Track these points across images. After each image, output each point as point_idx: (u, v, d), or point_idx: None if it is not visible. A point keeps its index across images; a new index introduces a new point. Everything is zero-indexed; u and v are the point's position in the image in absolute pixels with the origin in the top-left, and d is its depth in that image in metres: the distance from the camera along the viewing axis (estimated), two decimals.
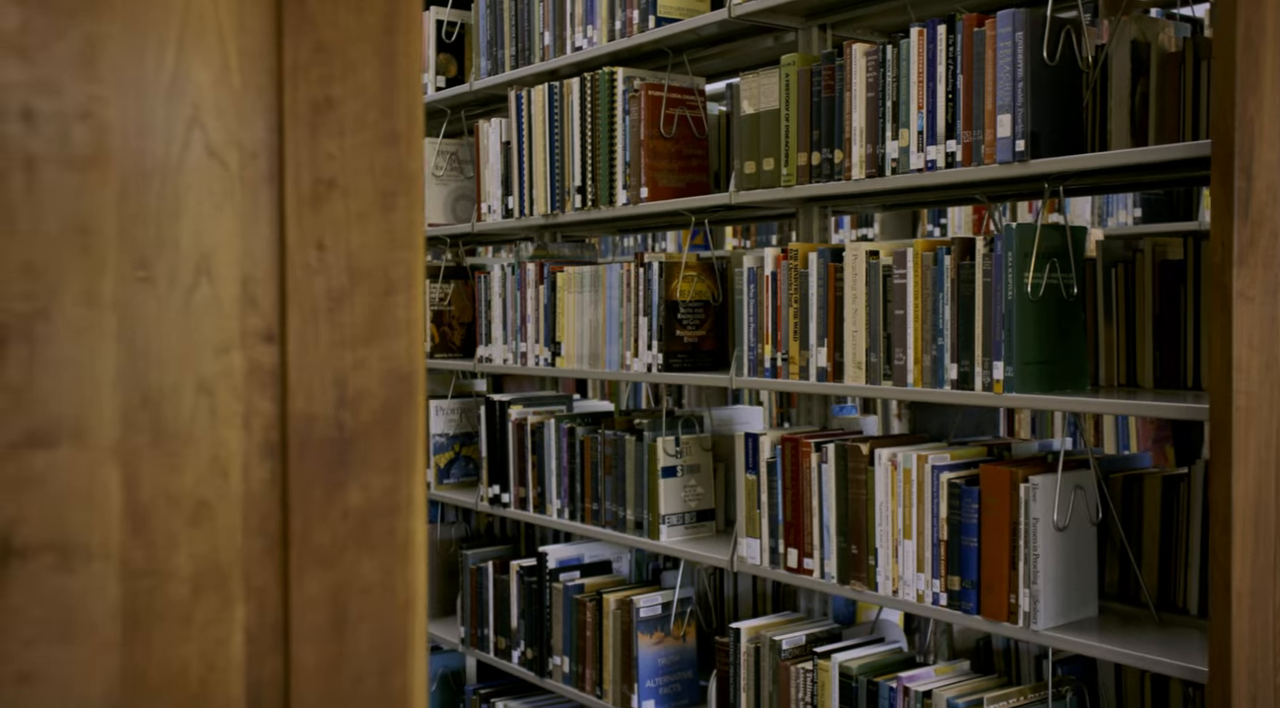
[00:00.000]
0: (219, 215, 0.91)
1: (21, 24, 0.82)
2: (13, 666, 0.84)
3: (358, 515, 0.97)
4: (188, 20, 0.89)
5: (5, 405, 0.83)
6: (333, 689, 0.96)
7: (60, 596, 0.85)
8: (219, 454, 0.91)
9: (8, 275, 0.83)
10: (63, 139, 0.84)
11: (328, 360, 0.95)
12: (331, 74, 0.94)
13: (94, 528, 0.86)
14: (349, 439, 0.96)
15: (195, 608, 0.91)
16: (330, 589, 0.96)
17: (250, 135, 0.92)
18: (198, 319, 0.90)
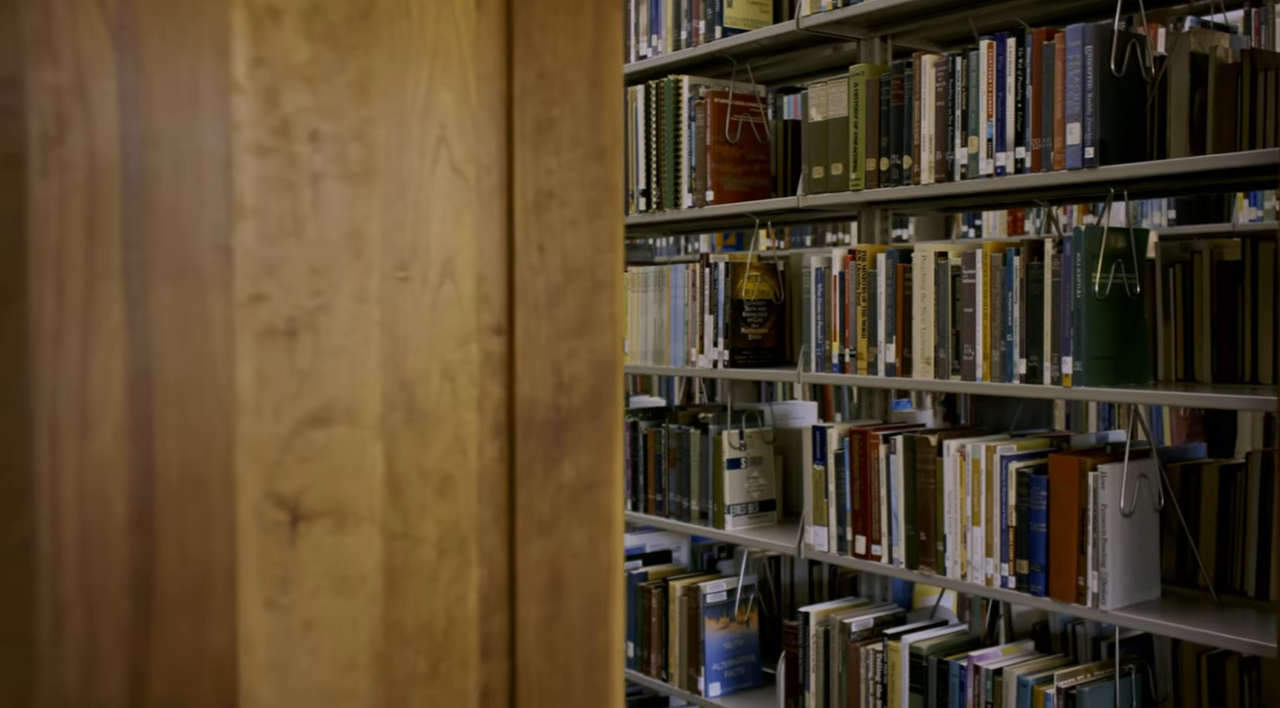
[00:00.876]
0: (459, 223, 1.03)
1: (311, 57, 0.95)
2: (300, 613, 0.96)
3: (570, 489, 1.09)
4: (437, 52, 1.01)
5: (295, 389, 0.95)
6: (549, 644, 1.09)
7: (336, 554, 0.98)
8: (459, 433, 1.04)
9: (298, 276, 0.95)
10: (341, 157, 0.97)
11: (546, 351, 1.08)
12: (551, 97, 1.07)
13: (362, 496, 0.99)
14: (563, 421, 1.09)
15: (440, 568, 1.03)
16: (548, 555, 1.08)
17: (485, 152, 1.04)
18: (443, 314, 1.02)
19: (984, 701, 2.37)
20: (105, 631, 0.87)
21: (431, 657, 1.03)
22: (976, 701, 2.39)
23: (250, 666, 0.94)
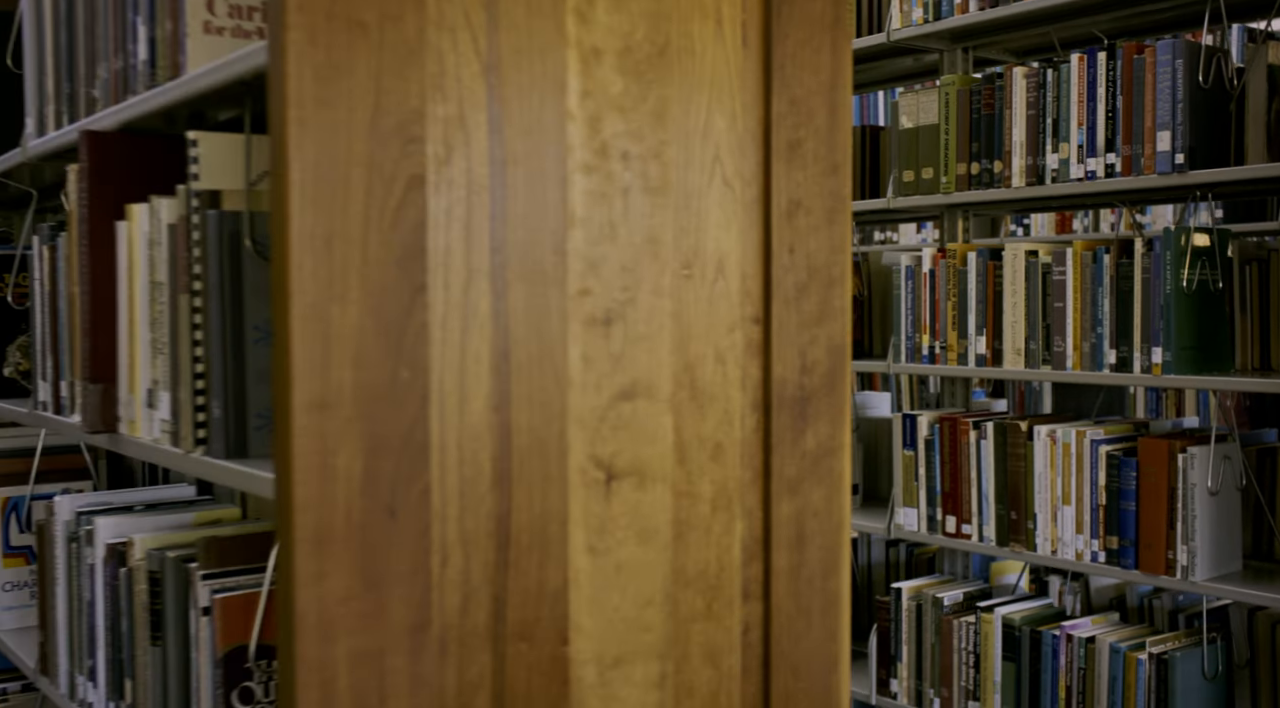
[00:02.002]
0: (728, 228, 1.21)
1: (623, 90, 1.13)
2: (613, 558, 1.14)
3: (812, 456, 1.27)
4: (714, 83, 1.19)
5: (610, 369, 1.13)
6: (794, 588, 1.27)
7: (638, 509, 1.16)
8: (727, 407, 1.22)
9: (613, 273, 1.13)
10: (643, 173, 1.15)
11: (794, 338, 1.25)
12: (800, 121, 1.24)
13: (656, 460, 1.17)
14: (807, 397, 1.27)
15: (713, 522, 1.21)
16: (795, 512, 1.26)
17: (747, 167, 1.22)
18: (716, 306, 1.20)
19: (1077, 667, 2.55)
20: (476, 569, 1.05)
21: (706, 597, 1.21)
22: (1069, 668, 2.56)
23: (576, 600, 1.12)
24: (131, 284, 1.42)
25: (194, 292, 1.25)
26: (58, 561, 1.72)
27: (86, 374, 1.48)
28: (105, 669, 1.57)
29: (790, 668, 1.26)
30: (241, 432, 1.23)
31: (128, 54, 1.43)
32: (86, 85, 1.57)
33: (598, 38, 1.11)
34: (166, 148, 1.49)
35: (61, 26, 1.64)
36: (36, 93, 1.76)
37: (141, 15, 1.39)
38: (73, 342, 1.64)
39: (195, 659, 1.31)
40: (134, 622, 1.47)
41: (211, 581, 1.29)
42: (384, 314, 0.99)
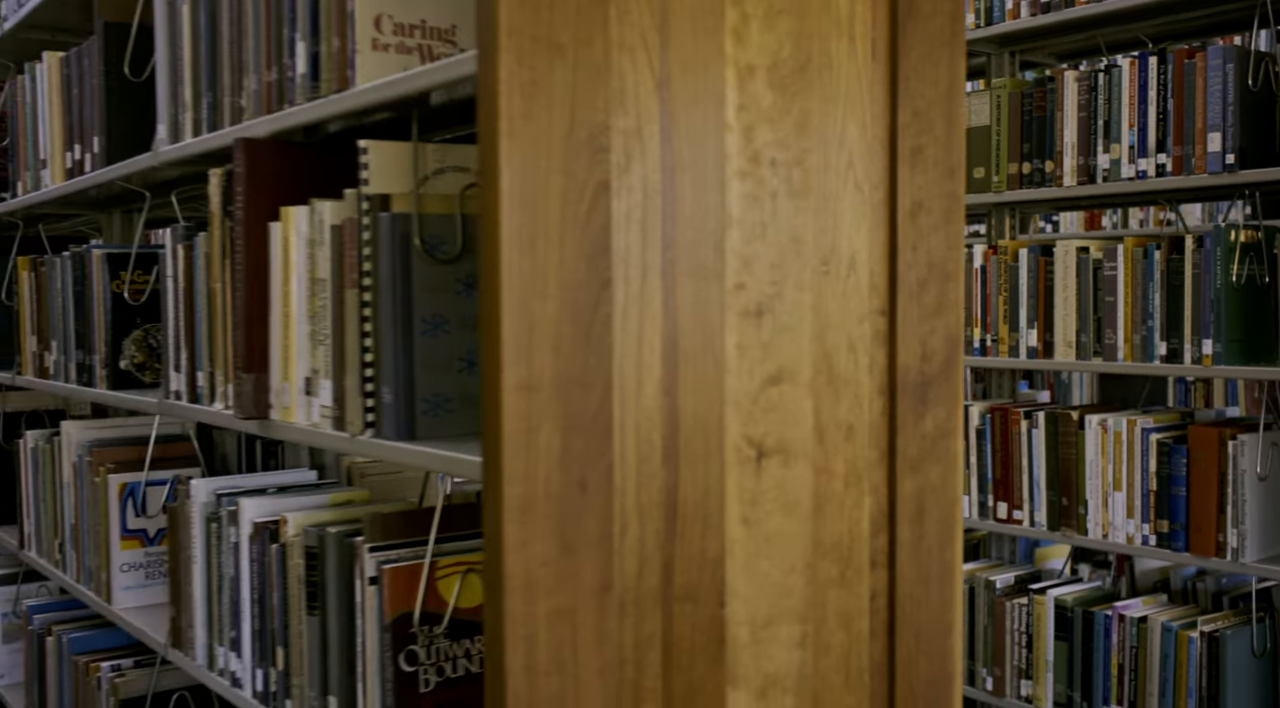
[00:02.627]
0: (859, 228, 1.32)
1: (772, 102, 1.24)
2: (763, 528, 1.25)
3: (930, 437, 1.38)
4: (848, 95, 1.30)
5: (760, 356, 1.24)
6: (915, 559, 1.38)
7: (784, 484, 1.27)
8: (857, 392, 1.33)
9: (763, 269, 1.24)
10: (789, 178, 1.26)
11: (916, 328, 1.37)
12: (922, 129, 1.35)
13: (798, 439, 1.28)
14: (926, 383, 1.38)
15: (845, 497, 1.32)
16: (916, 489, 1.37)
17: (875, 172, 1.33)
18: (849, 299, 1.32)
19: (1129, 646, 2.66)
20: (649, 537, 1.17)
21: (840, 565, 1.32)
22: (1121, 646, 2.67)
23: (732, 567, 1.23)
24: (286, 281, 1.54)
25: (363, 287, 1.36)
26: (194, 541, 1.84)
27: (240, 365, 1.59)
28: (250, 640, 1.69)
29: (912, 632, 1.37)
30: (410, 416, 1.34)
31: (283, 68, 1.54)
32: (232, 95, 1.68)
33: (751, 56, 1.22)
34: (315, 153, 1.60)
35: (202, 41, 1.75)
36: (170, 101, 1.87)
37: (299, 32, 1.50)
38: (213, 335, 1.75)
39: (360, 626, 1.42)
40: (287, 594, 1.58)
41: (377, 553, 1.40)
42: (577, 307, 1.10)
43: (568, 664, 1.11)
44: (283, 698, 1.61)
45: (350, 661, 1.45)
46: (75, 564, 2.40)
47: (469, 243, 1.37)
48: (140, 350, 2.23)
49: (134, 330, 2.23)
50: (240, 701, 1.71)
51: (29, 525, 2.72)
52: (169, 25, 1.87)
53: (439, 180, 1.38)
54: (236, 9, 1.66)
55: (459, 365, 1.38)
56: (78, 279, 2.32)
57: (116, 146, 2.16)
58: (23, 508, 2.73)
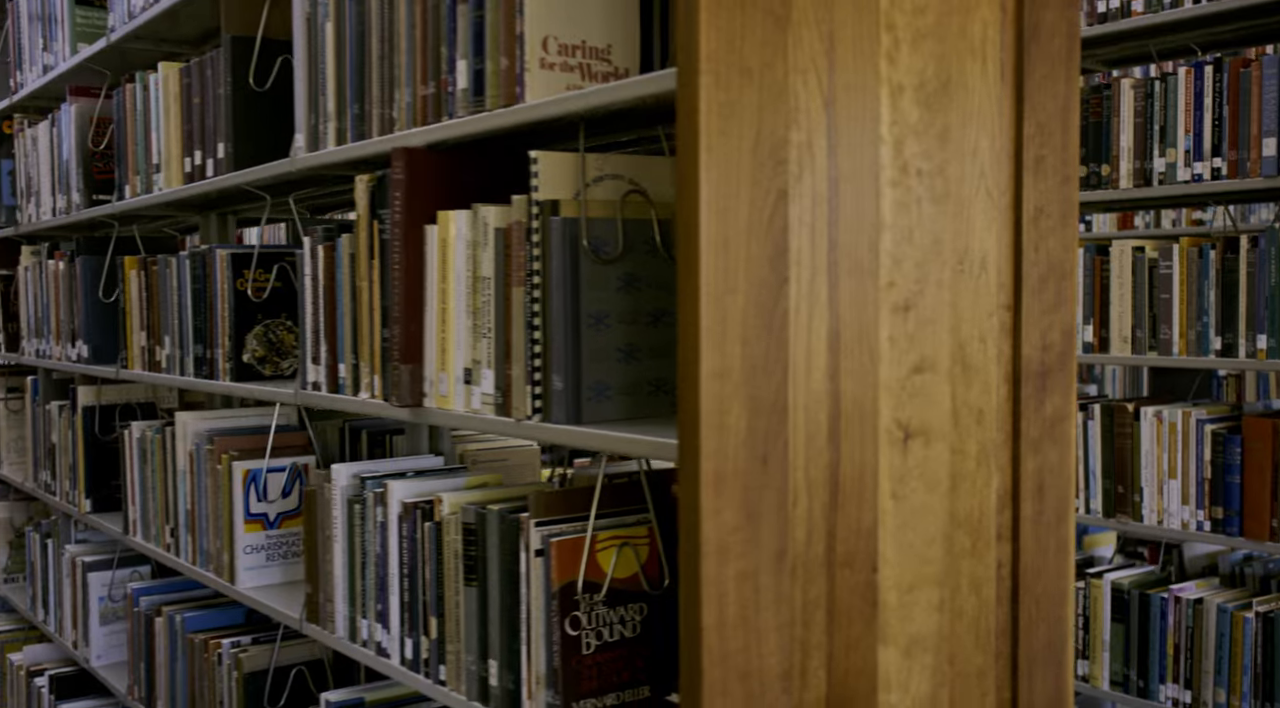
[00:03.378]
0: (989, 230, 1.45)
1: (918, 118, 1.37)
2: (908, 503, 1.39)
3: (1048, 421, 1.52)
4: (981, 111, 1.43)
5: (906, 347, 1.38)
6: (1036, 532, 1.51)
7: (925, 463, 1.40)
8: (987, 379, 1.46)
9: (910, 269, 1.37)
10: (931, 187, 1.39)
11: (1037, 322, 1.50)
12: (1043, 141, 1.49)
13: (937, 422, 1.41)
14: (1045, 372, 1.51)
15: (976, 475, 1.46)
16: (1036, 468, 1.51)
17: (1002, 180, 1.46)
18: (980, 296, 1.45)
19: (1185, 626, 2.79)
20: (816, 509, 1.30)
21: (972, 537, 1.45)
22: (1177, 627, 2.81)
23: (884, 537, 1.37)
24: (444, 279, 1.67)
25: (533, 285, 1.49)
26: (336, 522, 1.97)
27: (396, 357, 1.73)
28: (398, 612, 1.82)
29: (1033, 599, 1.51)
30: (577, 402, 1.48)
31: (441, 83, 1.67)
32: (382, 107, 1.81)
33: (901, 76, 1.35)
34: (464, 160, 1.74)
35: (347, 57, 1.88)
36: (309, 112, 2.01)
37: (459, 51, 1.64)
38: (358, 329, 1.88)
39: (525, 595, 1.55)
40: (442, 568, 1.72)
41: (542, 527, 1.54)
42: (760, 302, 1.24)
43: (751, 621, 1.25)
44: (436, 664, 1.74)
45: (513, 626, 1.58)
46: (191, 548, 2.53)
47: (628, 244, 1.50)
48: (261, 345, 2.37)
49: (255, 326, 2.36)
50: (388, 669, 1.85)
51: (134, 512, 2.85)
52: (308, 42, 2.00)
53: (597, 187, 1.52)
54: (388, 29, 1.79)
55: (617, 356, 1.51)
56: (197, 278, 2.45)
57: (242, 152, 2.29)
58: (127, 496, 2.87)
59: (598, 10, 1.56)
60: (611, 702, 1.56)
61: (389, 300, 1.78)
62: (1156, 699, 2.84)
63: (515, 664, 1.58)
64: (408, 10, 1.74)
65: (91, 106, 3.13)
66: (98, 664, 3.20)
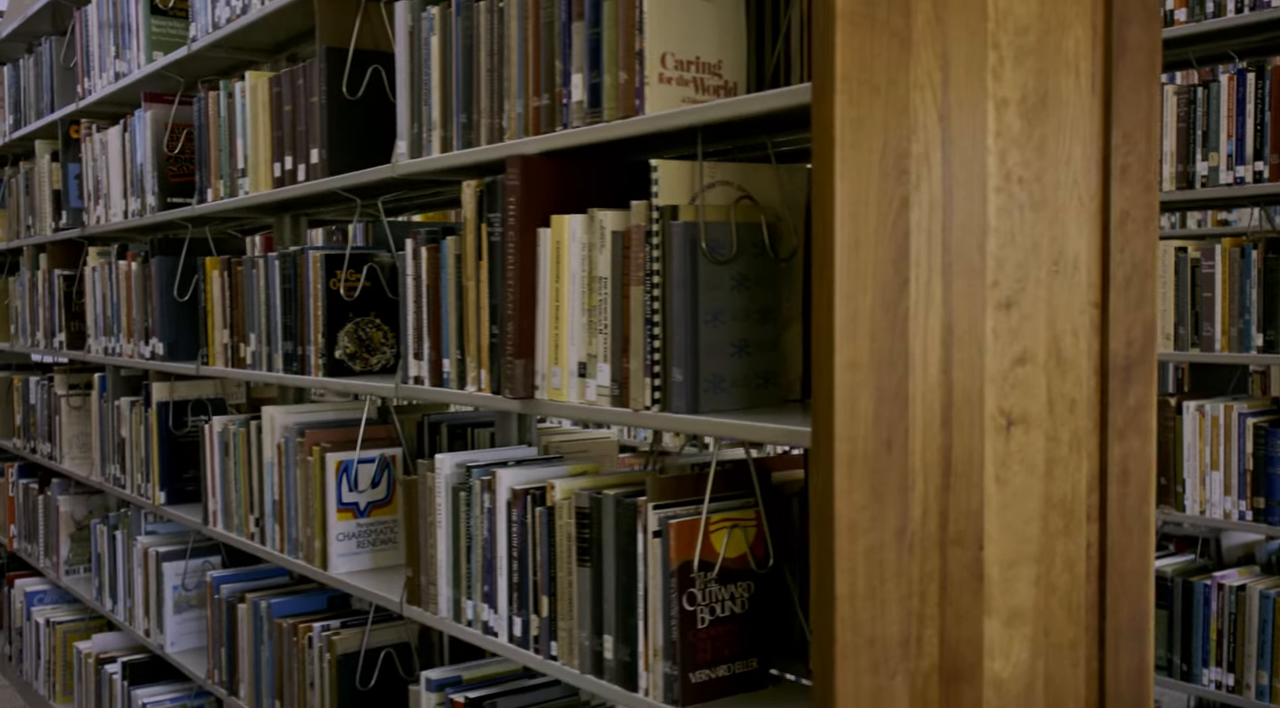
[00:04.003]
0: (1079, 234, 1.57)
1: (1019, 129, 1.48)
2: (1010, 486, 1.50)
3: (1132, 411, 1.63)
4: (1075, 122, 1.54)
5: (1009, 341, 1.49)
6: (1121, 513, 1.62)
7: (1025, 448, 1.51)
8: (1078, 372, 1.57)
9: (1011, 269, 1.48)
10: (1029, 193, 1.50)
11: (1122, 318, 1.61)
12: (1129, 149, 1.60)
13: (1035, 411, 1.52)
14: (1129, 365, 1.62)
15: (1068, 460, 1.57)
16: (1122, 455, 1.62)
17: (1092, 186, 1.57)
18: (1073, 294, 1.56)
19: (1228, 612, 2.90)
20: (931, 490, 1.41)
21: (1064, 518, 1.56)
22: (1220, 613, 2.92)
23: (988, 517, 1.48)
24: (557, 279, 1.78)
25: (653, 284, 1.61)
26: (440, 508, 2.08)
27: (510, 352, 1.84)
28: (506, 592, 1.93)
29: (1119, 576, 1.62)
30: (695, 394, 1.59)
31: (555, 95, 1.79)
32: (490, 117, 1.92)
33: (1005, 91, 1.46)
34: (571, 168, 1.85)
35: (454, 70, 2.00)
36: (412, 121, 2.12)
37: (573, 65, 1.75)
38: (464, 326, 2.00)
39: (642, 573, 1.67)
40: (554, 550, 1.83)
41: (660, 510, 1.65)
42: (885, 300, 1.35)
43: (877, 592, 1.36)
44: (547, 641, 1.85)
45: (629, 603, 1.69)
46: (278, 536, 2.65)
47: (740, 246, 1.61)
48: (352, 341, 2.48)
49: (346, 323, 2.48)
50: (494, 646, 1.96)
51: (214, 504, 2.96)
52: (411, 55, 2.11)
53: (709, 193, 1.63)
54: (497, 44, 1.90)
55: (730, 351, 1.62)
56: (287, 277, 2.56)
57: (335, 158, 2.41)
58: (207, 488, 2.98)
59: (709, 28, 1.67)
60: (723, 673, 1.67)
61: (497, 299, 1.90)
62: (1200, 683, 2.95)
63: (631, 638, 1.69)
64: (519, 27, 1.85)
65: (166, 112, 3.25)
66: (172, 651, 3.31)
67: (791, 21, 1.68)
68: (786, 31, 1.69)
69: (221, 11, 2.82)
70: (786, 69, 1.73)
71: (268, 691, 2.74)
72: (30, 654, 4.38)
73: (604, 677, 1.74)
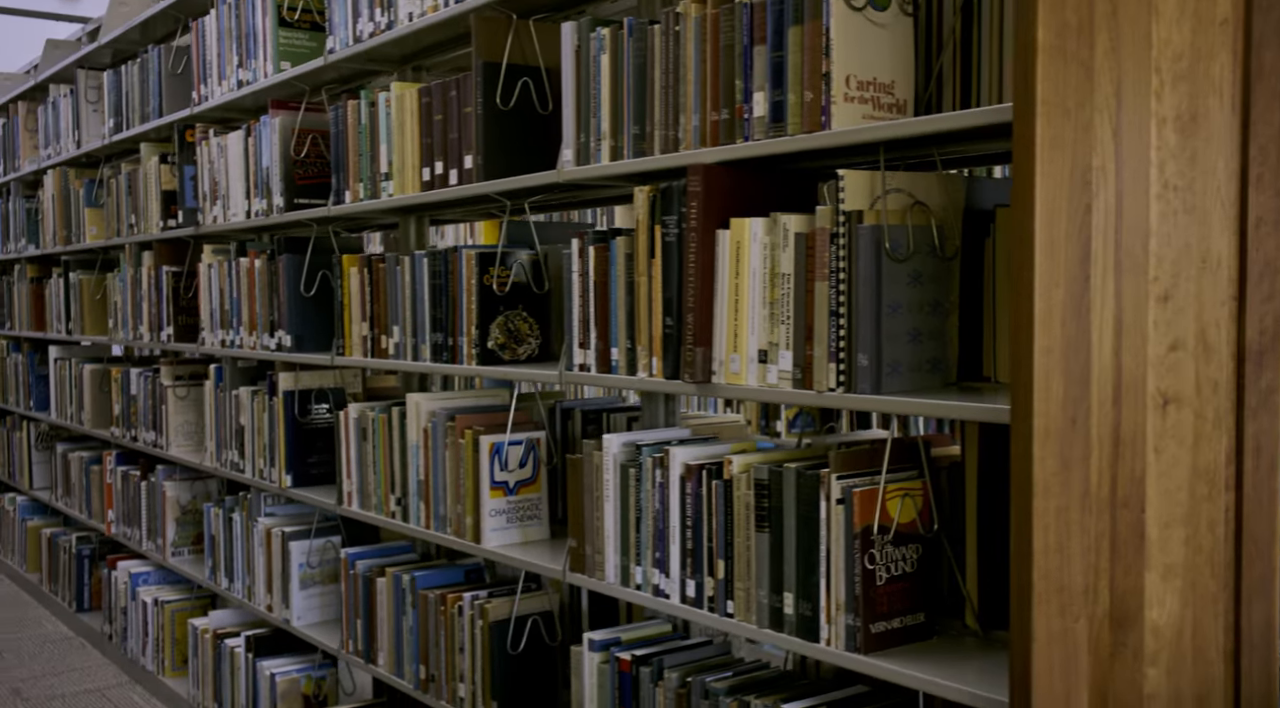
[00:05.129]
0: (1221, 235, 1.77)
1: (1175, 144, 1.69)
2: (1165, 456, 1.70)
3: (1263, 392, 1.83)
4: (1221, 138, 1.75)
5: (1165, 330, 1.70)
6: (1254, 483, 1.83)
7: (1177, 424, 1.72)
8: (1220, 357, 1.78)
9: (1166, 265, 1.69)
10: (1182, 200, 1.71)
11: (1256, 309, 1.81)
12: (1263, 161, 1.80)
13: (1186, 391, 1.73)
14: (1262, 352, 1.83)
15: (1211, 435, 1.77)
16: (1256, 431, 1.82)
17: (1232, 193, 1.78)
18: (1216, 288, 1.76)
19: None
20: (1104, 459, 1.62)
21: (1208, 486, 1.77)
22: None
23: (1149, 483, 1.68)
24: (736, 275, 1.99)
25: (839, 280, 1.81)
26: (607, 484, 2.29)
27: (690, 341, 2.05)
28: (679, 558, 2.14)
29: (1253, 539, 1.82)
30: (878, 377, 1.80)
31: (736, 110, 1.99)
32: (664, 128, 2.13)
33: (1165, 110, 1.67)
34: (743, 176, 2.06)
35: (625, 85, 2.20)
36: (578, 131, 2.33)
37: (754, 84, 1.96)
38: (634, 318, 2.20)
39: (824, 537, 1.88)
40: (731, 518, 2.04)
41: (843, 480, 1.86)
42: (1072, 294, 1.56)
43: (1064, 547, 1.57)
44: (723, 600, 2.06)
45: (810, 563, 1.90)
46: (424, 513, 2.85)
47: (915, 246, 1.82)
48: (502, 333, 2.69)
49: (497, 316, 2.69)
50: (665, 607, 2.17)
51: (349, 485, 3.18)
52: (577, 71, 2.32)
53: (885, 199, 1.84)
54: (672, 63, 2.11)
55: (906, 339, 1.83)
56: (437, 274, 2.77)
57: (491, 163, 2.62)
58: (342, 471, 3.19)
59: (884, 52, 1.88)
60: (896, 625, 1.88)
61: (671, 293, 2.11)
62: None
63: (812, 595, 1.90)
64: (696, 49, 2.06)
65: (293, 119, 3.46)
66: (299, 624, 3.52)
67: (946, 46, 1.89)
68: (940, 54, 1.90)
69: (364, 27, 3.03)
70: (940, 88, 1.94)
71: (410, 657, 2.95)
72: (136, 633, 4.60)
73: (783, 630, 1.95)
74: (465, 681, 2.76)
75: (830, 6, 1.82)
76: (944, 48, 1.91)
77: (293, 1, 3.50)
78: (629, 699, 2.30)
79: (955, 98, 1.92)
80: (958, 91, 1.92)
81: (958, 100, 1.91)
